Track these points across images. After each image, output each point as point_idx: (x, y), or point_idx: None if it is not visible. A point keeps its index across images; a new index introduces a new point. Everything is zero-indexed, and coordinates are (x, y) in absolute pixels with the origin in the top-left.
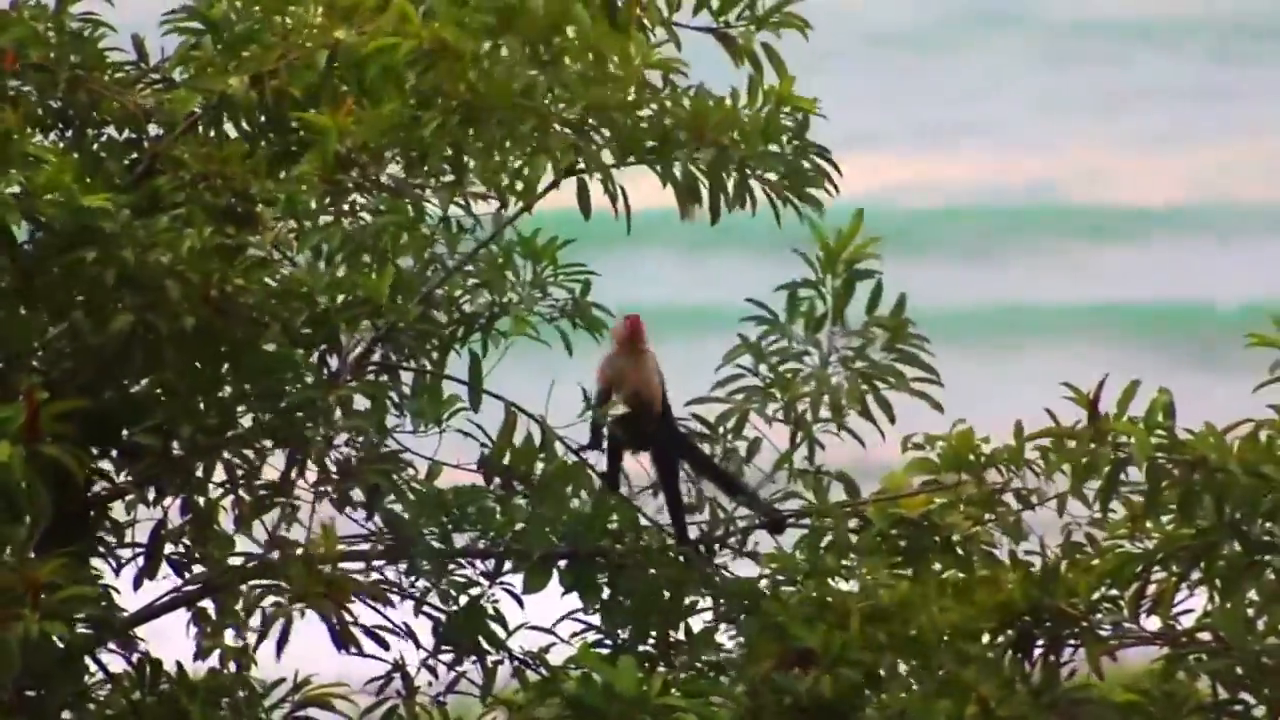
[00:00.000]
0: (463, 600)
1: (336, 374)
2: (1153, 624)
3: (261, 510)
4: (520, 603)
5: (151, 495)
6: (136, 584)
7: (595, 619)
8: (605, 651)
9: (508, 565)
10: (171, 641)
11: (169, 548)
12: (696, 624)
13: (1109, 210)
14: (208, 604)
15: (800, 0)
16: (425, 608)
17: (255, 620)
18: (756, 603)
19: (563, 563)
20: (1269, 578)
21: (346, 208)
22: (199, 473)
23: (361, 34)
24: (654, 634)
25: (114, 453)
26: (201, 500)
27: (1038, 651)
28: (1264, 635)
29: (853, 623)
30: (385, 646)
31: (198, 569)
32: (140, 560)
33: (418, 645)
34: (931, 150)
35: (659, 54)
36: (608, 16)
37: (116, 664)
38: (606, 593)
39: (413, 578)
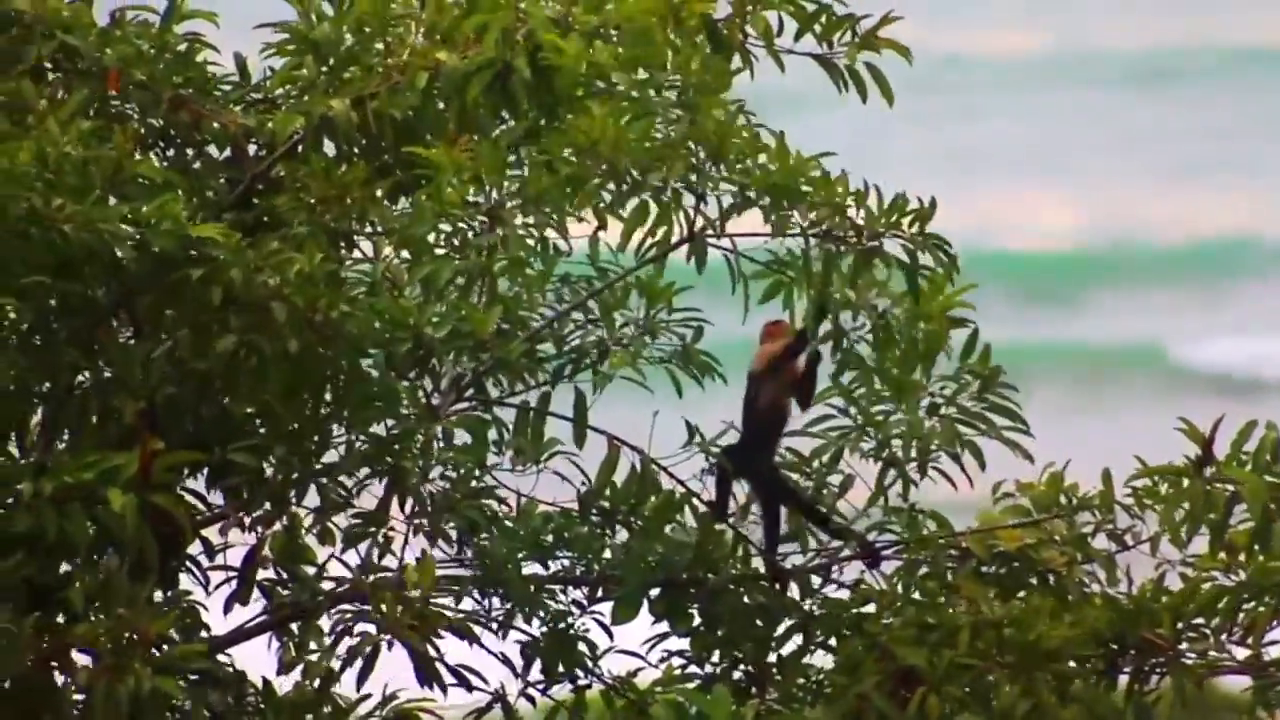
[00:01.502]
0: (555, 626)
1: (437, 407)
2: (1241, 654)
3: (357, 540)
4: (610, 633)
5: (247, 521)
6: (227, 608)
7: (685, 644)
8: (697, 681)
9: (599, 594)
10: (260, 663)
11: (260, 573)
12: (790, 651)
13: None
14: (294, 626)
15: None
16: (515, 634)
17: (342, 647)
18: (857, 625)
19: (655, 591)
20: None
21: (458, 241)
22: (292, 495)
23: (464, 57)
24: (745, 662)
25: (205, 470)
26: (286, 522)
27: (1123, 679)
28: None
29: (961, 637)
30: (469, 687)
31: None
32: (231, 584)
33: (515, 674)
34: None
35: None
36: (710, 39)
37: None
38: (697, 620)
39: (506, 605)
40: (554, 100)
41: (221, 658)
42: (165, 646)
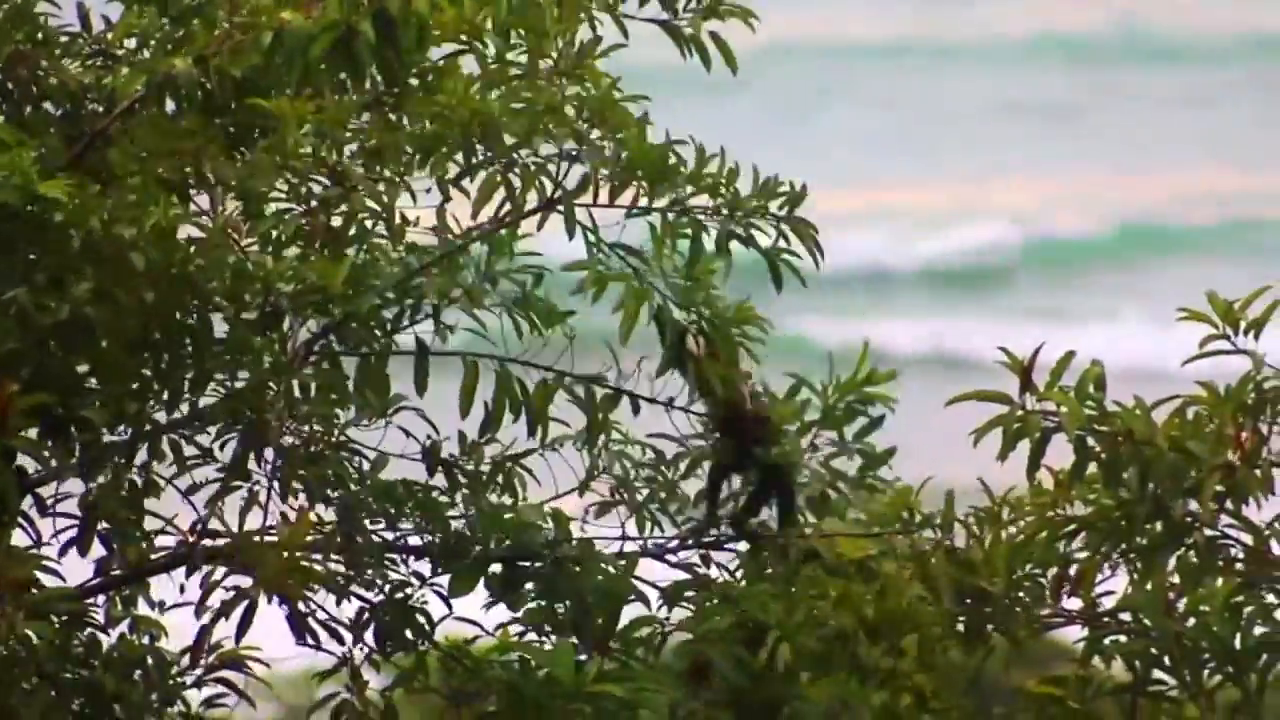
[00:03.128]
0: (395, 596)
1: (290, 360)
2: (1075, 605)
3: (221, 495)
4: (449, 604)
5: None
6: (62, 553)
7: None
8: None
9: (439, 568)
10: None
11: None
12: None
13: None
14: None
15: None
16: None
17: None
18: (706, 586)
19: (496, 567)
20: (1190, 559)
21: (304, 192)
22: (143, 452)
23: (309, 17)
24: (585, 633)
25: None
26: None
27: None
28: (1184, 616)
29: (821, 604)
30: (341, 640)
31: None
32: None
33: (358, 640)
34: None
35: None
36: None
37: None
38: (535, 600)
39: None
40: (401, 64)
41: None
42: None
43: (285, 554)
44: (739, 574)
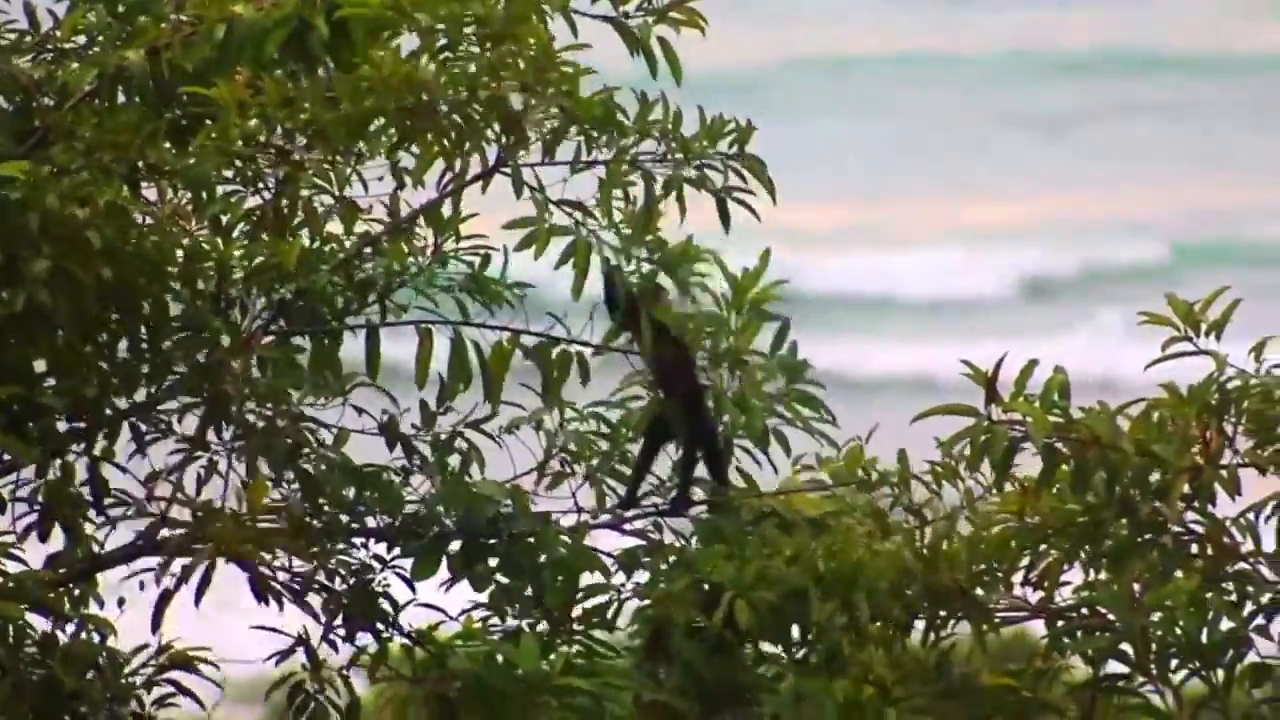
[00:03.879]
0: (357, 581)
1: (247, 340)
2: (1036, 599)
3: (184, 465)
4: (412, 587)
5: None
6: (22, 537)
7: (485, 596)
8: (501, 631)
9: (399, 550)
10: None
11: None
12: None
13: None
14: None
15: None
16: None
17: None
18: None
19: (455, 546)
20: (1154, 557)
21: (251, 173)
22: (102, 437)
23: (260, 9)
24: (547, 613)
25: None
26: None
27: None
28: (1149, 610)
29: (775, 560)
30: (305, 604)
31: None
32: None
33: (318, 620)
34: None
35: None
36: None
37: None
38: (498, 577)
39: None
40: (353, 56)
41: None
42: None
43: (242, 518)
44: (694, 539)
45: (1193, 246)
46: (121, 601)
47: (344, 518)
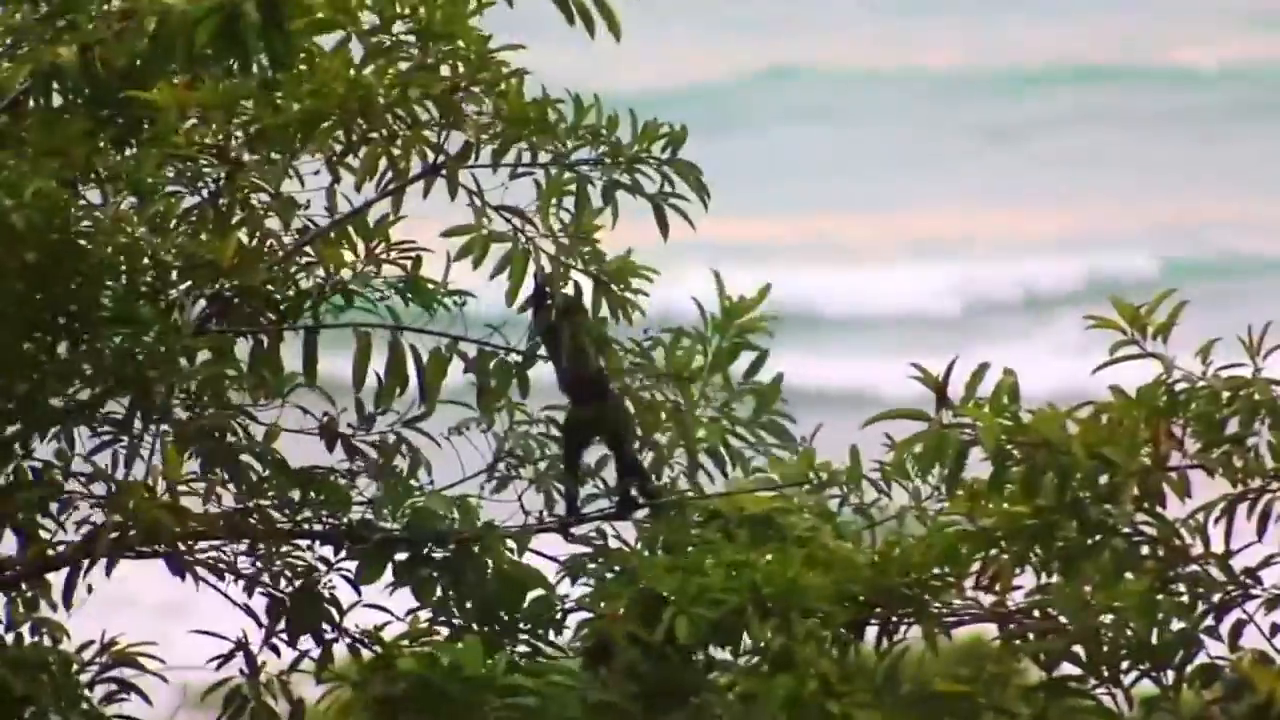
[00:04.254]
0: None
1: (180, 332)
2: (989, 602)
3: (105, 446)
4: (358, 591)
5: None
6: None
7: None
8: (445, 632)
9: (344, 552)
10: None
11: None
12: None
13: None
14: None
15: None
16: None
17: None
18: (604, 555)
19: (401, 555)
20: (1105, 559)
21: (190, 175)
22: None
23: (194, 2)
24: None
25: None
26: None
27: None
28: (1100, 612)
29: (714, 574)
30: (247, 608)
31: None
32: None
33: (259, 623)
34: None
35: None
36: None
37: None
38: (441, 588)
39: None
40: (288, 48)
41: None
42: None
43: (156, 493)
44: (638, 544)
45: (1175, 260)
46: (69, 597)
47: (280, 516)
